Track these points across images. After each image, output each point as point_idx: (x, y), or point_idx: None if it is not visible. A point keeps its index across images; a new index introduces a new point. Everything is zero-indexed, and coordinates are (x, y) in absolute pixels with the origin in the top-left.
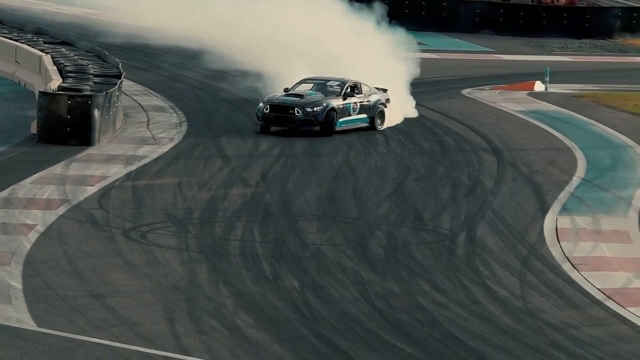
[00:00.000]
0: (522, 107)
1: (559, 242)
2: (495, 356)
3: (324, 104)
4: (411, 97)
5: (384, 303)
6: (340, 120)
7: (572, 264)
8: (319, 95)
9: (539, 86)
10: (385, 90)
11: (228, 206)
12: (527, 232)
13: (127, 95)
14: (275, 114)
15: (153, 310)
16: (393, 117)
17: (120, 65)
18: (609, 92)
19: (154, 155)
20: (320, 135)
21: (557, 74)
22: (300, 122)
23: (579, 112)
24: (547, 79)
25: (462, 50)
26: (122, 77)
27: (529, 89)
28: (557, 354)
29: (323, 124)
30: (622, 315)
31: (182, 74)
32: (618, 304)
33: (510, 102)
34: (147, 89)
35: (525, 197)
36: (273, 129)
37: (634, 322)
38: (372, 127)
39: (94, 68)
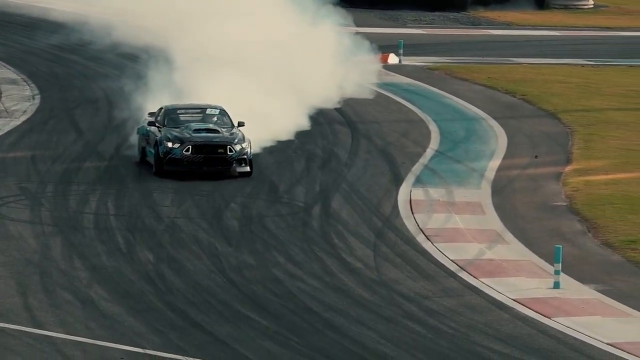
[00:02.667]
0: (376, 80)
1: (412, 214)
2: (350, 328)
3: (247, 139)
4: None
5: (239, 275)
6: None
7: (425, 235)
8: (229, 128)
9: (392, 59)
10: None
11: (82, 179)
12: (381, 204)
13: None
14: (203, 155)
15: (6, 284)
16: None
17: None
18: (462, 65)
19: (7, 129)
20: (247, 176)
21: (411, 47)
22: (235, 162)
23: (432, 85)
24: (401, 51)
25: None
26: None
27: (382, 62)
28: (411, 325)
29: (251, 163)
30: (474, 286)
31: (37, 47)
32: (471, 274)
33: (364, 74)
34: None
35: (380, 169)
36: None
37: (487, 292)
38: None
39: None
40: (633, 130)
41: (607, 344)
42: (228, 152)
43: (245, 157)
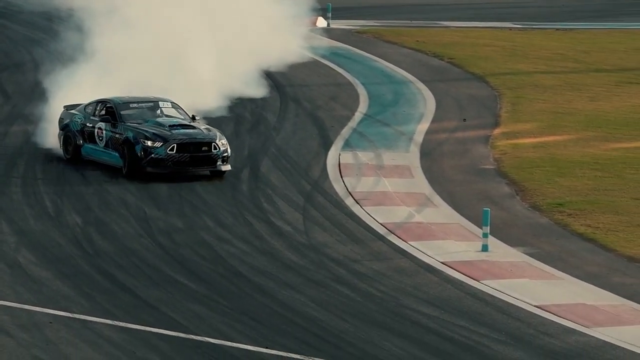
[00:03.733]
0: (305, 43)
1: (341, 178)
2: (279, 291)
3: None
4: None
5: (168, 239)
6: None
7: (354, 199)
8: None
9: (321, 22)
10: None
11: (9, 143)
12: (311, 168)
13: None
14: (190, 154)
15: None
16: None
17: None
18: (391, 28)
19: None
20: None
21: (340, 10)
22: (219, 160)
23: (361, 48)
24: (330, 14)
25: None
26: None
27: (311, 25)
28: (340, 288)
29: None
30: (403, 249)
31: None
32: (400, 238)
33: (292, 37)
34: None
35: (308, 132)
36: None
37: (415, 255)
38: None
39: None
40: (560, 93)
41: (535, 306)
42: (213, 150)
43: (227, 154)
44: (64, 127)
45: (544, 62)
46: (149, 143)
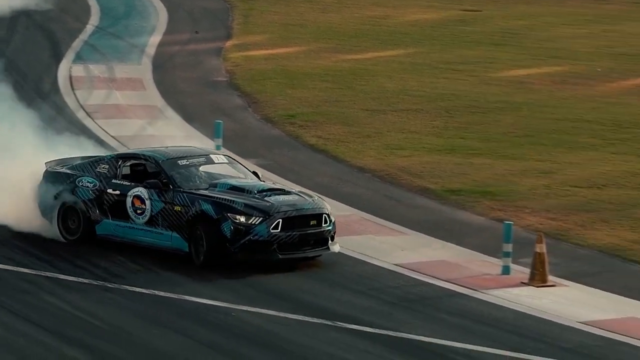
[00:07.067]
0: None
1: (73, 91)
2: None
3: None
4: None
5: None
6: None
7: (86, 112)
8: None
9: None
10: None
11: None
12: (42, 81)
13: None
14: (298, 232)
15: None
16: None
17: None
18: None
19: None
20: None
21: None
22: (330, 237)
23: None
24: None
25: None
26: None
27: None
28: None
29: None
30: None
31: None
32: None
33: None
34: None
35: (39, 45)
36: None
37: None
38: None
39: None
40: (291, 5)
41: None
42: (323, 225)
43: (335, 229)
44: (71, 196)
45: None
46: (242, 219)
